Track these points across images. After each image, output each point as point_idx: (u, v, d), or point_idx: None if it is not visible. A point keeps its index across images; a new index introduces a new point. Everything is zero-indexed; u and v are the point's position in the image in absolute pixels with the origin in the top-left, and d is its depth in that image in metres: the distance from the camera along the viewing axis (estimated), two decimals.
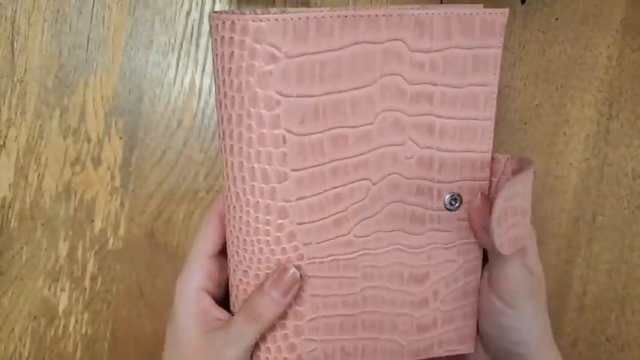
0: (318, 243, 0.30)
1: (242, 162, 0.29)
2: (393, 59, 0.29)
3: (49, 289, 0.44)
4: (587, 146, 0.45)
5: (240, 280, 0.31)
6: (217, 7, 0.43)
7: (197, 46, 0.43)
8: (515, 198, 0.30)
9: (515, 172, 0.32)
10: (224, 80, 0.28)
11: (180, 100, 0.43)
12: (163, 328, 0.45)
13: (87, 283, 0.44)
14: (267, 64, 0.27)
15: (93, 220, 0.44)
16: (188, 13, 0.43)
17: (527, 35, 0.44)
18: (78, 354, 0.44)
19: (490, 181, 0.33)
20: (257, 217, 0.29)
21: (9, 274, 0.44)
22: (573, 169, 0.45)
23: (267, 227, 0.29)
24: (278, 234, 0.29)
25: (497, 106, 0.44)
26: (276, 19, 0.26)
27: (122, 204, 0.44)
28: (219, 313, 0.32)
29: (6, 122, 0.43)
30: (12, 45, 0.43)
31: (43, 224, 0.44)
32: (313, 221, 0.30)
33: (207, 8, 0.43)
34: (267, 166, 0.28)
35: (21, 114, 0.43)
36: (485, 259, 0.34)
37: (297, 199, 0.29)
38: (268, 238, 0.29)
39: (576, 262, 0.45)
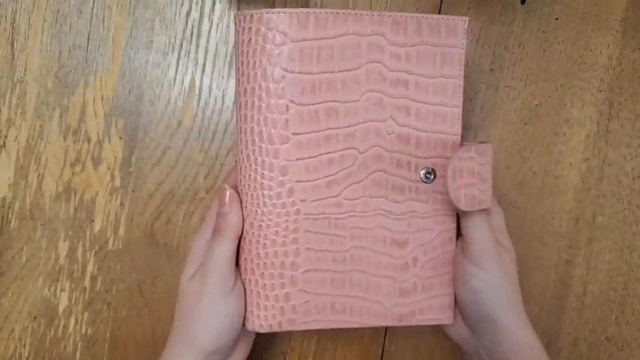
0: (312, 201, 0.35)
1: (253, 127, 0.35)
2: (376, 49, 0.35)
3: (49, 290, 0.44)
4: (587, 146, 0.45)
5: (247, 231, 0.36)
6: (217, 7, 0.43)
7: (197, 46, 0.43)
8: (470, 161, 0.35)
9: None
10: (242, 61, 0.35)
11: (180, 100, 0.43)
12: (163, 327, 0.45)
13: (87, 283, 0.44)
14: (276, 46, 0.34)
15: (93, 221, 0.44)
16: (188, 14, 0.43)
17: (527, 35, 0.44)
18: (78, 354, 0.44)
19: None
20: (263, 173, 0.35)
21: (9, 274, 0.44)
22: (573, 168, 0.45)
23: (271, 183, 0.35)
24: (279, 189, 0.35)
25: (498, 106, 0.44)
26: (284, 12, 0.34)
27: (122, 204, 0.44)
28: None
29: (6, 122, 0.43)
30: (12, 45, 0.43)
31: (43, 224, 0.44)
32: (309, 180, 0.35)
33: (207, 8, 0.43)
34: (272, 130, 0.34)
35: (21, 114, 0.43)
36: (459, 233, 0.38)
37: (296, 160, 0.35)
38: (271, 192, 0.35)
39: (576, 262, 0.45)
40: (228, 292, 0.35)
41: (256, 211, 0.35)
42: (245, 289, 0.36)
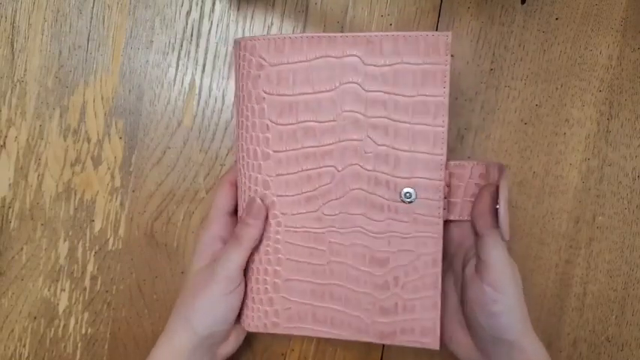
0: (293, 214, 0.37)
1: (242, 144, 0.38)
2: (351, 71, 0.36)
3: (49, 290, 0.44)
4: (587, 146, 0.45)
5: None
6: (217, 7, 0.43)
7: (197, 46, 0.43)
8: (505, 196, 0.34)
9: (484, 176, 0.37)
10: (236, 85, 0.38)
11: (180, 100, 0.43)
12: (163, 327, 0.45)
13: (87, 283, 0.44)
14: (257, 70, 0.36)
15: (93, 220, 0.44)
16: (188, 14, 0.43)
17: (527, 35, 0.44)
18: (78, 354, 0.44)
19: (458, 186, 0.37)
20: (249, 186, 0.38)
21: (9, 274, 0.44)
22: (573, 168, 0.45)
23: (255, 195, 0.37)
24: (263, 202, 0.38)
25: (498, 106, 0.44)
26: (264, 39, 0.36)
27: (122, 204, 0.44)
28: None
29: (6, 122, 0.43)
30: (12, 45, 0.43)
31: (43, 224, 0.44)
32: (289, 195, 0.37)
33: (207, 8, 0.43)
34: (256, 147, 0.37)
35: (21, 114, 0.43)
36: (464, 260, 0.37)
37: (277, 175, 0.37)
38: None
39: (576, 262, 0.45)
40: (230, 292, 0.37)
41: None
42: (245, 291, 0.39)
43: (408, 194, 0.36)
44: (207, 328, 0.37)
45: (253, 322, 0.39)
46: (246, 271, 0.39)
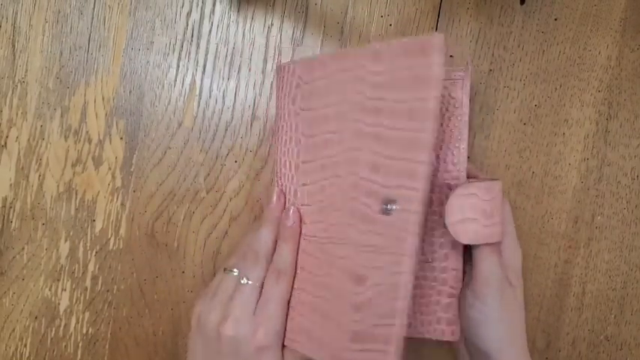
0: (310, 224, 0.38)
1: (281, 157, 0.40)
2: (359, 81, 0.36)
3: (50, 289, 0.44)
4: (586, 146, 0.45)
5: None
6: (218, 9, 0.43)
7: (197, 47, 0.43)
8: (471, 198, 0.36)
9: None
10: (278, 105, 0.41)
11: (180, 101, 0.44)
12: (164, 327, 0.45)
13: (88, 283, 0.44)
14: (295, 89, 0.39)
15: (94, 220, 0.44)
16: (188, 14, 0.43)
17: (527, 35, 0.44)
18: (79, 353, 0.45)
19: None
20: (288, 198, 0.40)
21: (10, 274, 0.44)
22: (572, 169, 0.45)
23: (287, 204, 0.40)
24: None
25: (497, 107, 0.44)
26: (301, 62, 0.39)
27: (123, 204, 0.44)
28: None
29: (7, 123, 0.43)
30: (13, 46, 0.43)
31: (44, 224, 0.44)
32: (309, 204, 0.39)
33: (208, 9, 0.43)
34: (290, 160, 0.40)
35: (22, 114, 0.43)
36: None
37: (302, 185, 0.39)
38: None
39: (575, 262, 0.45)
40: None
41: None
42: None
43: (390, 205, 0.33)
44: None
45: None
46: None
